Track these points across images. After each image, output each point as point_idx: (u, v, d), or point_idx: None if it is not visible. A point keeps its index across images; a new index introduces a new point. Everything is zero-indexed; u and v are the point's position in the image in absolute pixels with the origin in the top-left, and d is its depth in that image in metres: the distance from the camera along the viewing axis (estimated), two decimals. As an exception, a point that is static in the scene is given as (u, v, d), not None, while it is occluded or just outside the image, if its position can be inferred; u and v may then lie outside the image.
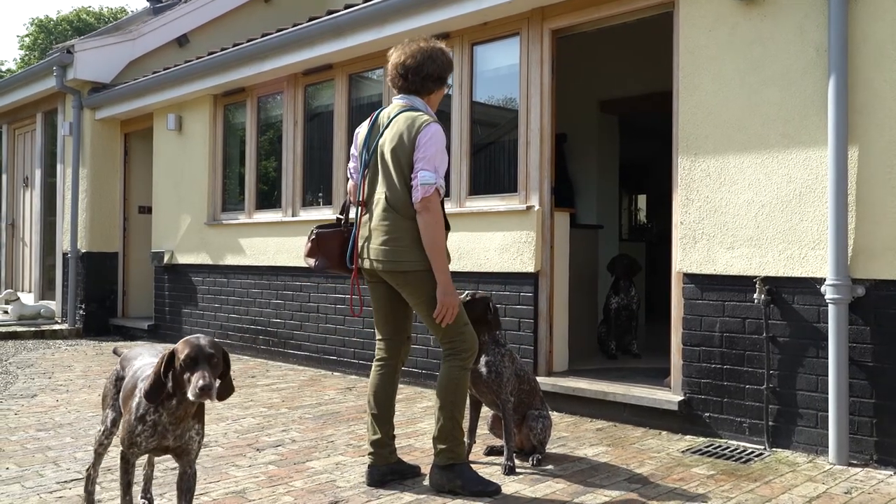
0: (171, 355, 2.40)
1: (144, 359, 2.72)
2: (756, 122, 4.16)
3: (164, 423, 2.44)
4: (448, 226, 3.38)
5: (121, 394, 2.72)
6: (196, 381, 2.28)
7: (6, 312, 9.97)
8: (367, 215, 3.41)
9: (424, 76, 3.38)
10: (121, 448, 2.54)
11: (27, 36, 31.37)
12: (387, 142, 3.34)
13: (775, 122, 4.09)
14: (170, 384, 2.38)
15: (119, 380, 2.82)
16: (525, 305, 5.25)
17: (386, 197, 3.32)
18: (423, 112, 3.38)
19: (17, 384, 5.95)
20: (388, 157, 3.33)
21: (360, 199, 3.44)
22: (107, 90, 9.24)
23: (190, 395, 2.29)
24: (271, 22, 9.39)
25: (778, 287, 4.07)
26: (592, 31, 5.25)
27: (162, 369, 2.39)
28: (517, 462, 3.70)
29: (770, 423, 4.08)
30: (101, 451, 2.89)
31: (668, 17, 4.67)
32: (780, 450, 4.03)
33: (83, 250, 9.53)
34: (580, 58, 7.53)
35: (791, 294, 4.03)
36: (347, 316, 6.50)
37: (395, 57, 3.43)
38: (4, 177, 11.52)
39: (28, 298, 10.58)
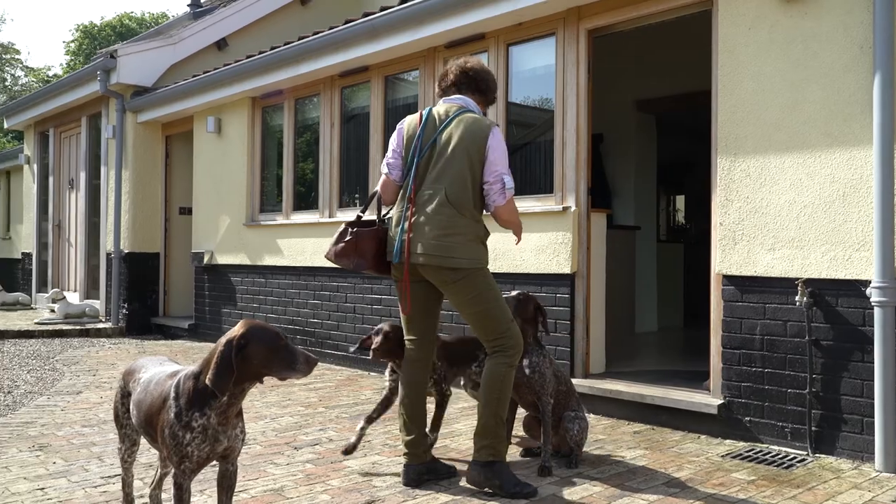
0: (233, 340, 2.27)
1: (151, 371, 2.58)
2: (797, 121, 4.09)
3: (214, 425, 2.31)
4: (488, 232, 3.44)
5: (139, 413, 2.50)
6: (300, 356, 2.28)
7: (53, 311, 10.22)
8: (415, 210, 3.37)
9: (485, 86, 3.54)
10: (173, 475, 2.37)
11: (73, 42, 32.18)
12: (453, 138, 3.35)
13: (817, 120, 4.01)
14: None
15: (126, 396, 2.69)
16: (561, 307, 5.22)
17: (445, 193, 3.31)
18: (477, 113, 3.48)
19: (64, 381, 6.10)
20: (454, 153, 3.33)
21: (410, 194, 3.40)
22: (148, 94, 9.42)
23: (299, 373, 2.27)
24: (308, 25, 9.51)
25: (821, 289, 3.99)
26: (629, 30, 5.20)
27: (234, 353, 2.23)
28: (554, 464, 3.68)
29: (813, 428, 4.00)
30: (127, 465, 2.81)
31: (706, 15, 4.61)
32: (823, 456, 3.95)
33: (126, 250, 9.73)
34: (617, 57, 7.47)
35: (835, 296, 3.95)
36: (384, 316, 6.53)
37: (459, 62, 3.57)
38: (51, 179, 11.81)
39: (73, 297, 10.83)
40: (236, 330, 2.30)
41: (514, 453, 3.89)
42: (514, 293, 3.68)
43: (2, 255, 15.17)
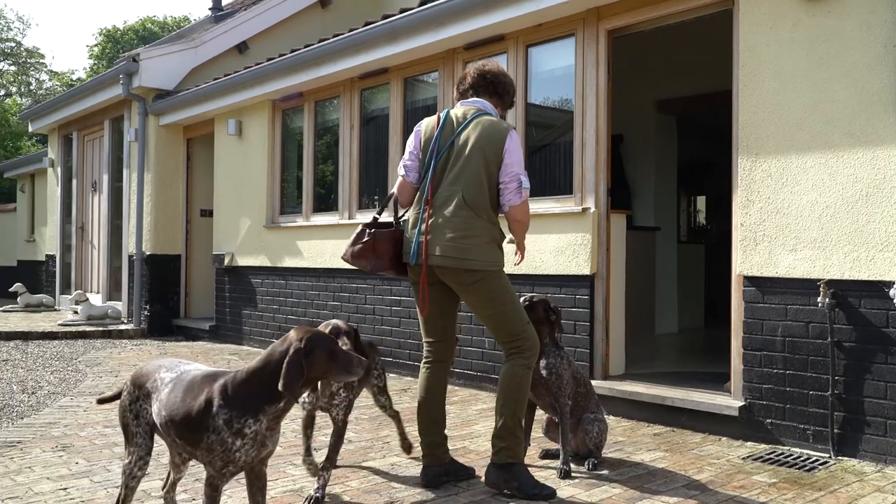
0: (300, 347, 2.32)
1: (174, 370, 2.51)
2: (819, 120, 4.04)
3: (263, 430, 2.33)
4: (503, 234, 3.44)
5: (170, 415, 2.40)
6: (354, 359, 2.39)
7: (76, 312, 10.35)
8: (432, 212, 3.38)
9: (503, 90, 3.56)
10: (209, 476, 2.36)
11: (96, 46, 32.57)
12: (470, 140, 3.36)
13: (840, 120, 3.97)
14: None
15: (139, 401, 2.57)
16: (581, 308, 5.20)
17: (462, 195, 3.32)
18: (494, 116, 3.49)
19: (87, 382, 6.18)
20: (471, 155, 3.35)
21: (427, 196, 3.41)
22: (170, 97, 9.51)
23: (355, 375, 2.40)
24: (328, 27, 9.54)
25: (843, 290, 3.94)
26: (649, 30, 5.18)
27: (301, 359, 2.30)
28: (573, 466, 3.67)
29: (835, 431, 3.96)
30: (133, 484, 2.62)
31: (727, 14, 4.58)
32: (845, 458, 3.90)
33: (148, 252, 9.83)
34: (637, 57, 7.44)
35: (858, 298, 3.90)
36: (403, 318, 6.55)
37: (477, 65, 3.59)
38: (74, 182, 11.96)
39: (96, 299, 10.96)
40: (294, 336, 2.36)
41: (533, 455, 3.88)
42: (522, 298, 3.66)
43: (26, 258, 15.39)
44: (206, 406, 2.32)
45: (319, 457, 3.52)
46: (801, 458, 3.91)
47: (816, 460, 3.88)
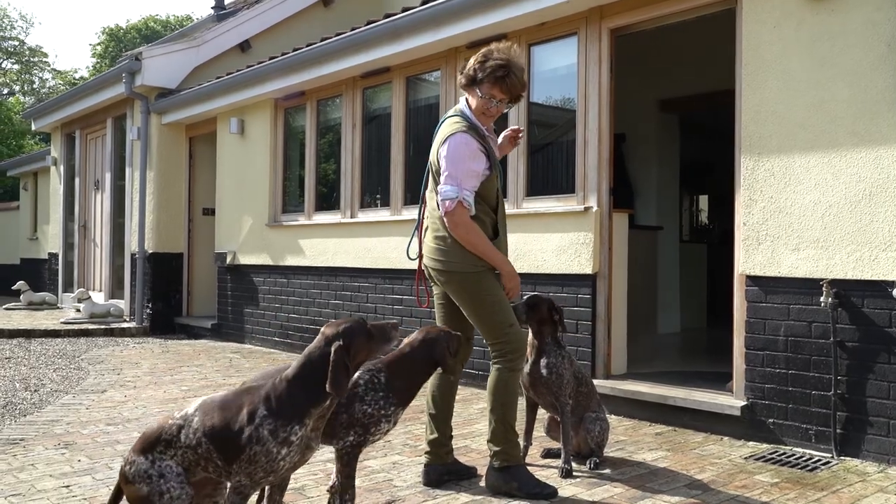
0: (339, 345, 2.30)
1: (183, 410, 2.39)
2: (823, 120, 4.03)
3: (308, 433, 2.30)
4: (497, 233, 3.38)
5: (212, 439, 2.29)
6: (387, 327, 2.46)
7: (79, 311, 10.36)
8: (426, 212, 3.50)
9: (474, 74, 3.30)
10: (238, 485, 2.28)
11: (99, 44, 32.61)
12: (433, 145, 3.42)
13: (844, 119, 3.96)
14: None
15: (154, 463, 2.33)
16: (583, 307, 5.20)
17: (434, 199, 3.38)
18: (458, 117, 3.34)
19: (89, 380, 6.19)
20: (431, 160, 3.42)
21: (422, 195, 3.54)
22: (172, 95, 9.52)
23: (394, 340, 2.47)
24: (331, 26, 9.54)
25: (846, 290, 3.93)
26: (652, 29, 5.17)
27: (344, 357, 2.28)
28: (574, 465, 3.67)
29: (838, 431, 3.95)
30: None
31: (730, 13, 4.57)
32: (848, 458, 3.90)
33: (150, 251, 9.84)
34: (640, 56, 7.43)
35: (860, 297, 3.89)
36: (405, 316, 6.55)
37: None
38: (77, 180, 11.98)
39: (99, 297, 10.97)
40: (330, 333, 2.35)
41: (534, 454, 3.88)
42: (525, 298, 3.66)
43: (29, 256, 15.41)
44: (250, 418, 2.26)
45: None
46: (804, 458, 3.91)
47: (819, 460, 3.88)
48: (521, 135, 3.69)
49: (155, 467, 2.33)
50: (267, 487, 2.47)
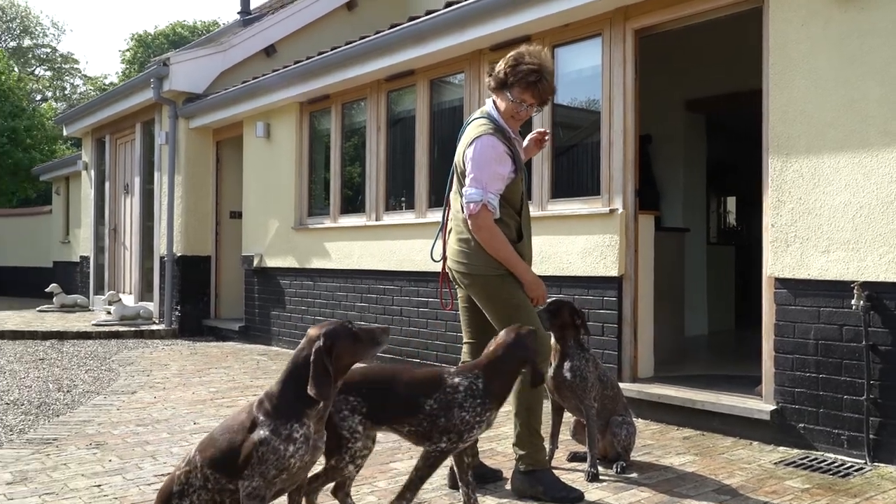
0: (320, 347, 2.31)
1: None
2: (853, 119, 3.97)
3: (312, 433, 2.31)
4: (521, 236, 3.37)
5: (217, 452, 2.33)
6: (375, 331, 2.42)
7: (109, 313, 10.51)
8: (450, 214, 3.51)
9: (504, 76, 3.30)
10: (254, 488, 2.27)
11: (128, 50, 33.09)
12: (458, 146, 3.41)
13: (875, 118, 3.89)
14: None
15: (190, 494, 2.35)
16: (608, 310, 5.17)
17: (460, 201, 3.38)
18: (485, 119, 3.34)
19: (119, 381, 6.27)
20: (456, 162, 3.42)
21: (446, 197, 3.55)
22: (200, 100, 9.63)
23: (382, 345, 2.44)
24: (355, 30, 9.58)
25: (878, 293, 3.87)
26: (678, 28, 5.13)
27: (324, 359, 2.27)
28: (601, 469, 3.64)
29: (871, 436, 3.88)
30: None
31: (756, 12, 4.52)
32: (882, 464, 3.82)
33: (178, 254, 9.95)
34: (666, 56, 7.37)
35: (893, 300, 3.82)
36: (430, 319, 6.55)
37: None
38: (107, 184, 12.16)
39: (129, 300, 11.13)
40: (314, 334, 2.36)
41: (560, 458, 3.86)
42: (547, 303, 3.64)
43: (62, 259, 15.67)
44: (252, 423, 2.32)
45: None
46: (836, 464, 3.84)
47: (851, 466, 3.81)
48: (546, 137, 3.68)
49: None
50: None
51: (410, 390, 2.78)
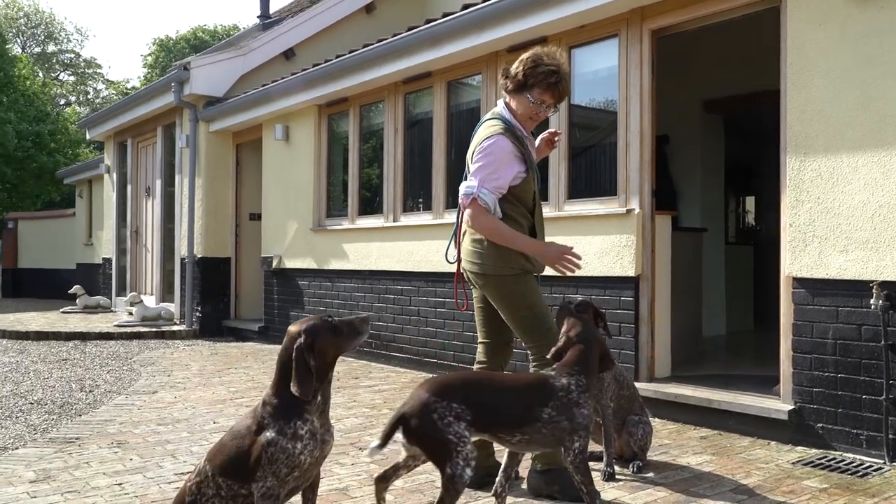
0: (301, 345, 2.33)
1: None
2: (872, 118, 3.95)
3: (318, 428, 2.34)
4: (534, 235, 3.40)
5: (225, 455, 2.37)
6: (356, 322, 2.44)
7: (131, 314, 10.64)
8: (464, 215, 3.50)
9: (522, 76, 3.33)
10: (268, 488, 2.30)
11: (150, 55, 33.48)
12: (470, 146, 3.45)
13: (894, 117, 3.86)
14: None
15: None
16: (625, 310, 5.17)
17: None
18: (496, 120, 3.37)
19: (140, 381, 6.36)
20: (467, 162, 3.45)
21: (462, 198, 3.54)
22: (220, 104, 9.73)
23: (365, 334, 2.45)
24: (373, 32, 9.63)
25: (897, 292, 3.84)
26: (694, 29, 5.12)
27: (305, 356, 2.30)
28: (617, 468, 3.65)
29: (890, 437, 3.85)
30: None
31: (773, 12, 4.50)
32: (901, 465, 3.80)
33: (199, 255, 10.06)
34: (682, 57, 7.35)
35: (912, 299, 3.79)
36: (447, 319, 6.58)
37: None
38: (129, 187, 12.31)
39: (150, 301, 11.26)
40: (294, 331, 2.39)
41: (576, 457, 3.86)
42: (571, 304, 3.65)
43: (85, 261, 15.88)
44: (258, 426, 2.35)
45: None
46: (854, 464, 3.82)
47: (870, 466, 3.79)
48: (557, 138, 3.70)
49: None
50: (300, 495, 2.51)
51: (523, 400, 2.77)
